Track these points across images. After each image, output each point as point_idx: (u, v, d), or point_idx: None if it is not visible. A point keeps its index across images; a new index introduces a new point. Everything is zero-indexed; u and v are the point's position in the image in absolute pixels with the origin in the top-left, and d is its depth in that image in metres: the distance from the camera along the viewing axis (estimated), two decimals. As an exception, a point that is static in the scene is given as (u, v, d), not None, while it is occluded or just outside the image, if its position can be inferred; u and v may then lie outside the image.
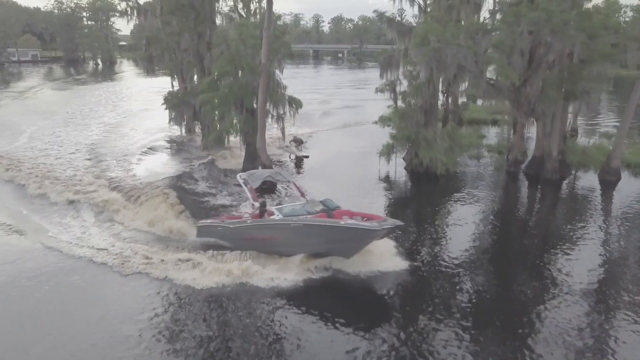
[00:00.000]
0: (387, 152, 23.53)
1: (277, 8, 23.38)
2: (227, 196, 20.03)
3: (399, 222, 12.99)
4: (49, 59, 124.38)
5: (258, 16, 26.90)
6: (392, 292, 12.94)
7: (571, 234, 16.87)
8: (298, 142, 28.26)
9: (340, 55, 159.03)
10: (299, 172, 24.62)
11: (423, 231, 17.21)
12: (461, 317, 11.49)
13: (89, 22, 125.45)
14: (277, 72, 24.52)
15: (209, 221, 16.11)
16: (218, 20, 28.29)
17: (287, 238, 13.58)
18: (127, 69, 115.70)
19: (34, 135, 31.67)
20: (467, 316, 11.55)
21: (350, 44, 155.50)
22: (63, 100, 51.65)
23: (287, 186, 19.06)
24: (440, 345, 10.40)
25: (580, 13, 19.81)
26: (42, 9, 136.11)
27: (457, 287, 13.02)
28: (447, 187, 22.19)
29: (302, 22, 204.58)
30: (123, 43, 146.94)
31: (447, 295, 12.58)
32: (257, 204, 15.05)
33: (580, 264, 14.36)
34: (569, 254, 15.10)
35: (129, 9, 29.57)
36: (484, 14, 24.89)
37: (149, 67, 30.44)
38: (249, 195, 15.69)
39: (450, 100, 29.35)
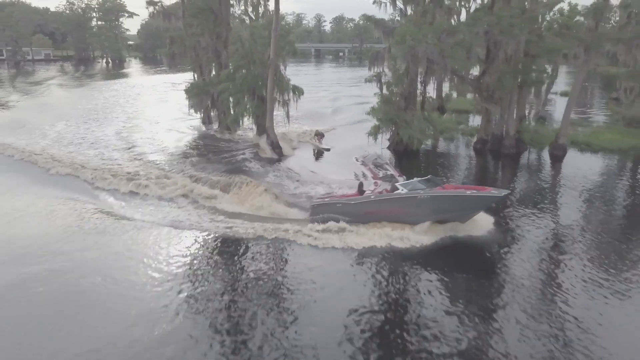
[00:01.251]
0: (374, 132, 28.52)
1: (280, 8, 28.03)
2: (301, 184, 22.18)
3: (506, 191, 15.79)
4: (61, 57, 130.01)
5: (265, 18, 32.04)
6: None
7: (525, 195, 21.56)
8: (320, 135, 31.49)
9: (341, 54, 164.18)
10: (319, 161, 27.91)
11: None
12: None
13: (99, 23, 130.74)
14: (282, 66, 29.53)
15: (325, 200, 18.20)
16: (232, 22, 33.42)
17: (414, 209, 16.07)
18: (135, 66, 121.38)
19: (80, 133, 34.50)
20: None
21: (351, 43, 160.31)
22: (86, 95, 56.92)
23: (386, 168, 19.66)
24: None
25: (527, 17, 24.80)
26: (53, 10, 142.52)
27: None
28: (424, 161, 27.24)
29: (304, 22, 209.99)
30: (131, 42, 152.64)
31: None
32: (379, 182, 17.88)
33: (530, 220, 18.60)
34: (520, 210, 19.61)
35: (154, 12, 34.57)
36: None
37: (172, 62, 35.53)
38: (369, 175, 18.76)
39: (435, 92, 34.34)
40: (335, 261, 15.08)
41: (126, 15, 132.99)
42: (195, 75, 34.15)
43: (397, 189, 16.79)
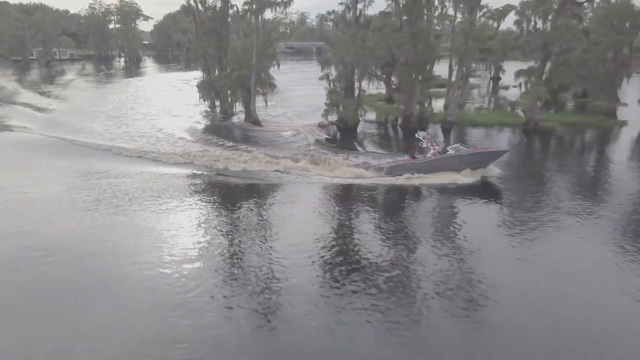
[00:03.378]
0: (326, 114, 43.04)
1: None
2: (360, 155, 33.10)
3: (507, 149, 29.03)
4: (83, 57, 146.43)
5: (252, 34, 46.67)
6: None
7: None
8: (322, 126, 42.33)
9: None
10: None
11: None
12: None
13: (117, 25, 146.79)
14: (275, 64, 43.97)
15: (397, 163, 28.47)
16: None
17: (461, 162, 27.05)
18: (150, 65, 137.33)
19: (128, 124, 51.03)
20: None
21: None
22: (115, 90, 72.37)
23: (426, 141, 29.20)
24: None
25: (417, 37, 39.14)
26: (72, 12, 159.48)
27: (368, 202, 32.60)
28: (356, 133, 41.73)
29: (308, 20, 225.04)
30: (146, 42, 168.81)
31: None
32: (438, 148, 28.31)
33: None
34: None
35: (176, 29, 49.51)
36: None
37: (187, 64, 50.53)
38: (429, 144, 28.66)
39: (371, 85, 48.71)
40: (411, 193, 26.58)
41: (141, 18, 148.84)
42: (204, 75, 49.04)
43: (447, 151, 28.03)
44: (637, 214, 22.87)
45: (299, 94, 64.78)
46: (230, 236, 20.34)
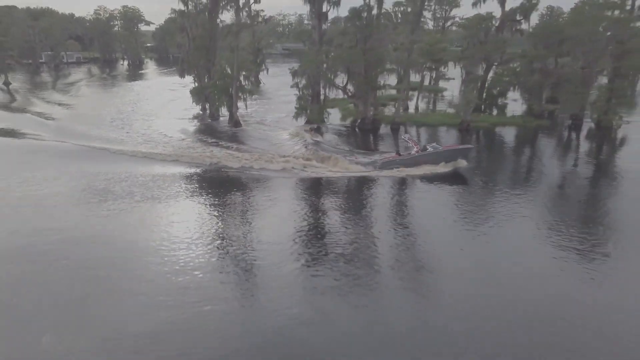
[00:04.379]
0: (296, 116, 52.21)
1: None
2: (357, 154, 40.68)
3: (470, 145, 36.75)
4: (89, 59, 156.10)
5: (237, 49, 55.95)
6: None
7: (382, 147, 45.19)
8: (313, 130, 50.23)
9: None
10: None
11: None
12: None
13: (121, 30, 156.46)
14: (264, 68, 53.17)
15: (389, 159, 35.89)
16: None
17: (437, 157, 34.02)
18: (152, 67, 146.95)
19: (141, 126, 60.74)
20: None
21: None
22: (120, 94, 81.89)
23: (410, 142, 37.60)
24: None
25: (368, 53, 48.21)
26: (77, 16, 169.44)
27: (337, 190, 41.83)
28: (325, 133, 50.87)
29: (305, 22, 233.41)
30: (148, 45, 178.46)
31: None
32: (419, 147, 35.69)
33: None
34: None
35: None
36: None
37: (182, 73, 59.68)
38: (411, 144, 36.29)
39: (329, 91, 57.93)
40: (399, 182, 34.75)
41: (143, 23, 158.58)
42: (195, 82, 58.31)
43: (427, 149, 35.47)
44: (551, 195, 31.59)
45: (286, 99, 73.62)
46: (246, 220, 26.67)
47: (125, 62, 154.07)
